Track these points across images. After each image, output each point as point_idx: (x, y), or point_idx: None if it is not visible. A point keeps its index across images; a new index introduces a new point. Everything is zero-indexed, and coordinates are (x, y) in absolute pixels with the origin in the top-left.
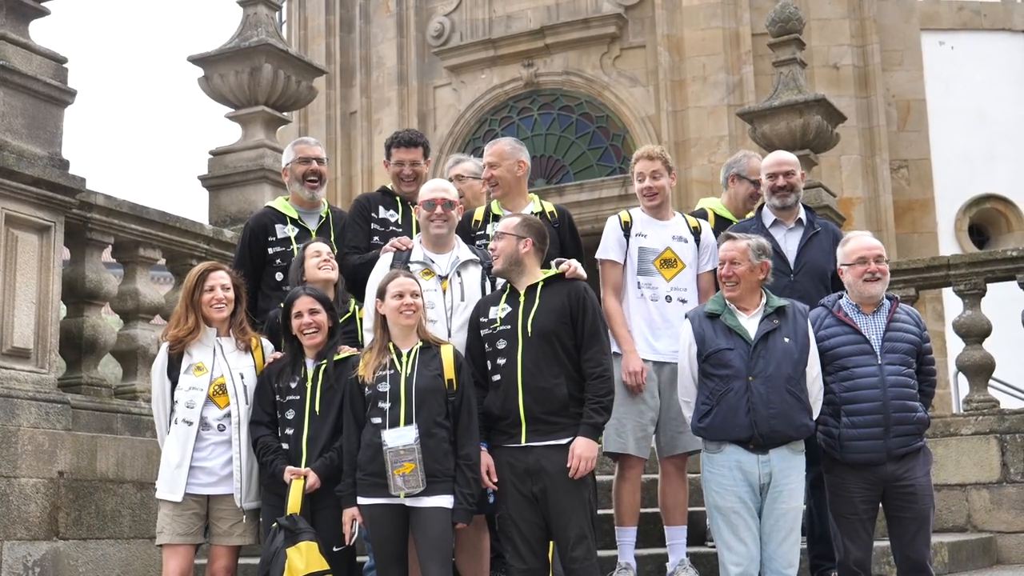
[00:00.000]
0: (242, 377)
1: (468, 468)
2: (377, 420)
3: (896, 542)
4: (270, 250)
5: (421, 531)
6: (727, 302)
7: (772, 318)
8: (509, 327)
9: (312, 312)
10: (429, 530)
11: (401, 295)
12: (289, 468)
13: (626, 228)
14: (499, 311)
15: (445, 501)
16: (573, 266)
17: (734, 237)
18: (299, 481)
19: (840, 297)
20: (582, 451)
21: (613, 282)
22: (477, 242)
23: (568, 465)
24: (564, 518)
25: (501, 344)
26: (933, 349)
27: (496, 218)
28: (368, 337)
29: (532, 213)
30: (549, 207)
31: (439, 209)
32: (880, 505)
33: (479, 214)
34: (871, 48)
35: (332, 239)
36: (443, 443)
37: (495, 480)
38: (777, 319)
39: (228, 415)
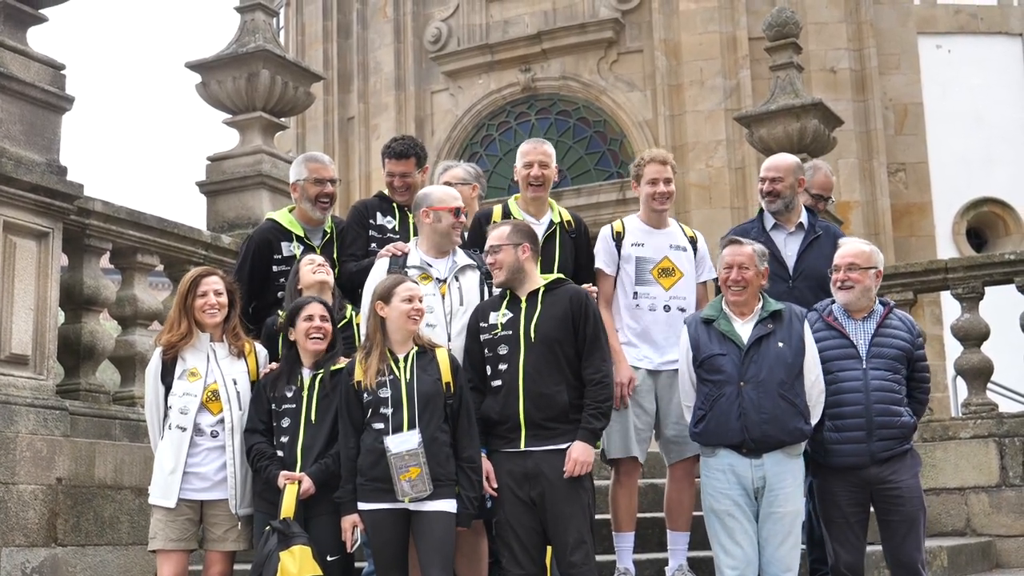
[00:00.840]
0: (235, 383)
1: (471, 471)
2: (379, 426)
3: (887, 545)
4: (274, 268)
5: (424, 535)
6: (723, 307)
7: (766, 323)
8: (511, 332)
9: (323, 319)
10: (432, 534)
11: (411, 299)
12: (283, 472)
13: (618, 239)
14: (500, 316)
15: (448, 505)
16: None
17: (740, 241)
18: (293, 486)
19: (833, 302)
20: (579, 455)
21: (604, 293)
22: None
23: (564, 468)
24: (563, 523)
25: (503, 349)
26: (931, 353)
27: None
28: None
29: (551, 221)
30: (567, 216)
31: (463, 217)
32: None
33: (497, 215)
34: (868, 52)
35: (335, 256)
36: (444, 447)
37: (495, 486)
38: (772, 323)
39: (221, 421)
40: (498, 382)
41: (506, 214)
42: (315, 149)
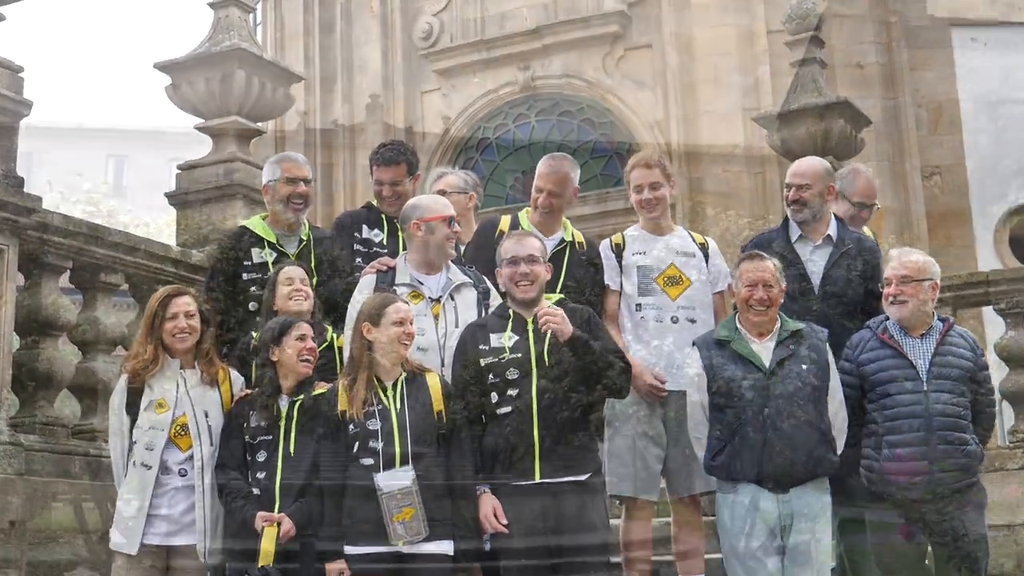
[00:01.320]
0: (207, 416)
1: (466, 509)
2: (368, 461)
3: None
4: (244, 276)
5: None
6: (738, 326)
7: (788, 343)
8: (520, 355)
9: (313, 340)
10: None
11: (402, 322)
12: (261, 514)
13: (618, 251)
14: (505, 339)
15: (445, 547)
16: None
17: (762, 256)
18: (272, 528)
19: (887, 318)
20: (562, 314)
21: (608, 308)
22: None
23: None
24: (578, 565)
25: (512, 374)
26: None
27: None
28: None
29: (563, 240)
30: (579, 237)
31: (457, 227)
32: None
33: (504, 224)
34: (897, 45)
35: (312, 265)
36: (440, 483)
37: (504, 522)
38: (793, 344)
39: (191, 458)
40: (507, 408)
41: (514, 226)
42: None
